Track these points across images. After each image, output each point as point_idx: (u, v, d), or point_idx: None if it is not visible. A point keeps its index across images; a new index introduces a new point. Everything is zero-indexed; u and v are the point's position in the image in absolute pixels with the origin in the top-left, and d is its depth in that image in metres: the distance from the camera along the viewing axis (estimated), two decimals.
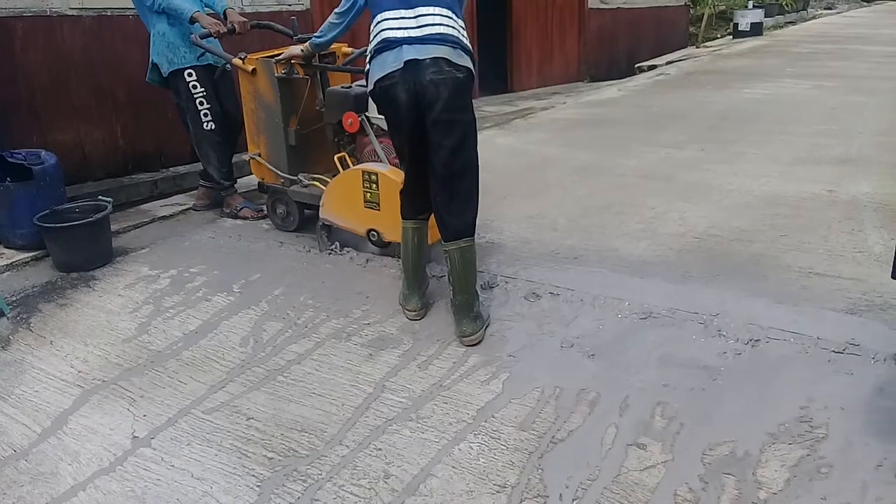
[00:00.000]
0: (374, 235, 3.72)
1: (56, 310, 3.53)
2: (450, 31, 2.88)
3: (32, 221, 3.92)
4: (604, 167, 5.40)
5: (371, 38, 2.96)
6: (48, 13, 5.12)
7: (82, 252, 3.93)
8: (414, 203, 3.17)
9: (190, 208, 4.93)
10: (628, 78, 11.03)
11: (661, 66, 11.89)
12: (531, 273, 3.52)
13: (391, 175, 3.49)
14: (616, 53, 12.87)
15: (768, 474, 2.18)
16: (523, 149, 6.16)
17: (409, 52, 2.82)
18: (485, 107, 9.14)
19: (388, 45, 2.87)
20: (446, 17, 2.90)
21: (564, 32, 11.76)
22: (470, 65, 2.94)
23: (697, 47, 14.54)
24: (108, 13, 5.43)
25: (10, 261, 4.00)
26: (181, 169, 5.92)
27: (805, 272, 3.40)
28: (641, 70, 11.98)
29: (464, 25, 2.99)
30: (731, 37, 15.99)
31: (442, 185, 2.98)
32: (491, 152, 5.77)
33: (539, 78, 11.36)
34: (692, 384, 2.61)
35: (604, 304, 3.19)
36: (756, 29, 15.40)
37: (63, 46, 5.23)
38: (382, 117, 3.67)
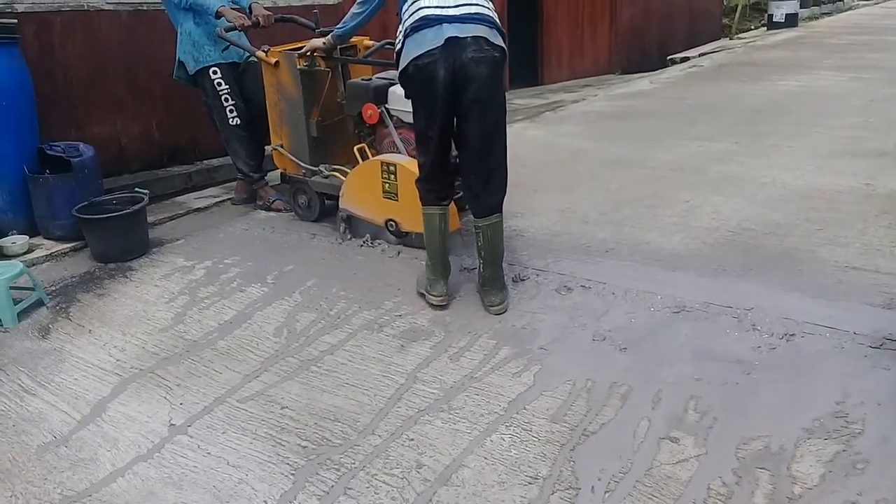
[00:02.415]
0: (392, 225, 3.79)
1: (94, 299, 3.60)
2: (485, 10, 2.97)
3: (71, 213, 3.99)
4: (635, 160, 5.36)
5: (405, 17, 2.99)
6: (86, 8, 5.19)
7: (119, 243, 4.00)
8: (435, 190, 3.22)
9: (224, 200, 4.98)
10: (660, 70, 10.90)
11: (693, 57, 11.74)
12: (562, 266, 3.52)
13: (410, 166, 3.52)
14: (648, 45, 12.73)
15: (803, 469, 2.16)
16: (554, 142, 6.14)
17: (450, 31, 2.86)
18: (515, 99, 9.10)
19: (427, 22, 2.89)
20: None
21: (595, 24, 11.67)
22: (504, 45, 3.00)
23: (731, 39, 14.32)
24: (145, 7, 5.49)
25: (49, 251, 4.09)
26: (214, 162, 5.99)
27: (841, 266, 3.35)
28: (674, 62, 11.83)
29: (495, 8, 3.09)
30: (765, 28, 15.71)
31: (479, 164, 3.08)
32: (521, 145, 5.75)
33: (569, 70, 11.29)
34: (726, 378, 2.59)
35: (636, 297, 3.18)
36: (791, 20, 15.11)
37: (100, 41, 5.30)
38: (401, 109, 3.72)
